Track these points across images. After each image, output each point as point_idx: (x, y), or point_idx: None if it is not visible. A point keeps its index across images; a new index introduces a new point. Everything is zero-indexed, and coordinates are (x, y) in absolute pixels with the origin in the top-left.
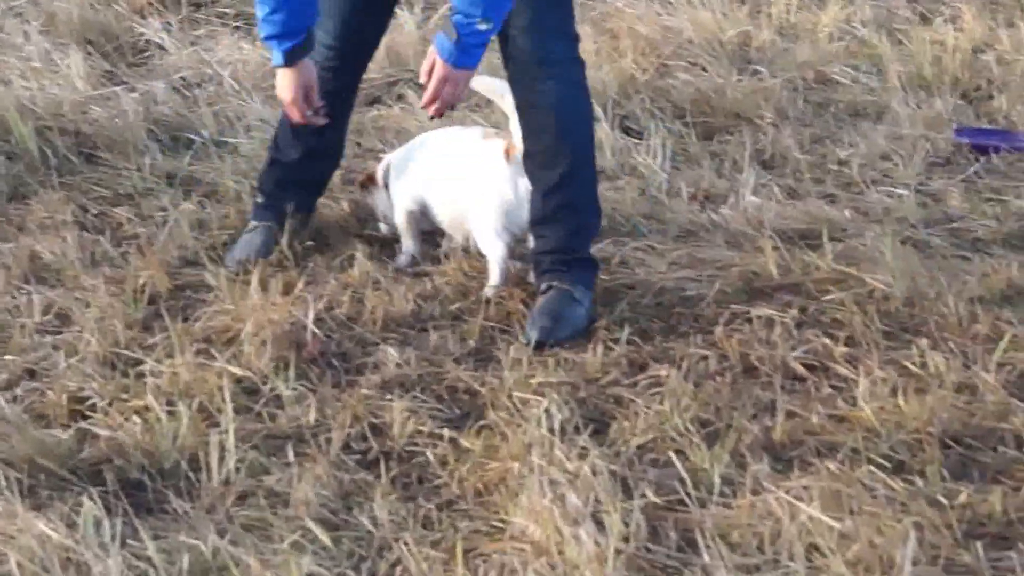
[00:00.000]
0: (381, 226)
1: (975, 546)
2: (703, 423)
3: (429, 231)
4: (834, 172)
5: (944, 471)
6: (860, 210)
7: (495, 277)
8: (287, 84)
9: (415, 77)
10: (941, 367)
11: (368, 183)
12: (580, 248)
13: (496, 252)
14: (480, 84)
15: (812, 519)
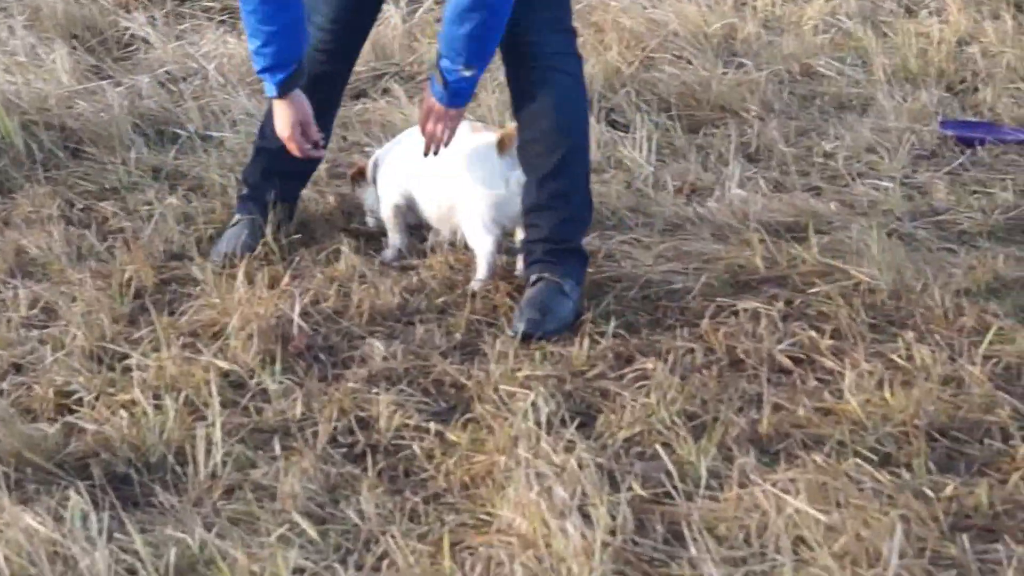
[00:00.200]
0: (368, 220)
1: (961, 538)
2: (689, 416)
3: (416, 225)
4: (820, 165)
5: (930, 463)
6: (846, 203)
7: (482, 271)
8: (283, 119)
9: (400, 71)
10: (927, 360)
11: (358, 178)
12: (572, 239)
13: (485, 246)
14: None
15: (798, 512)
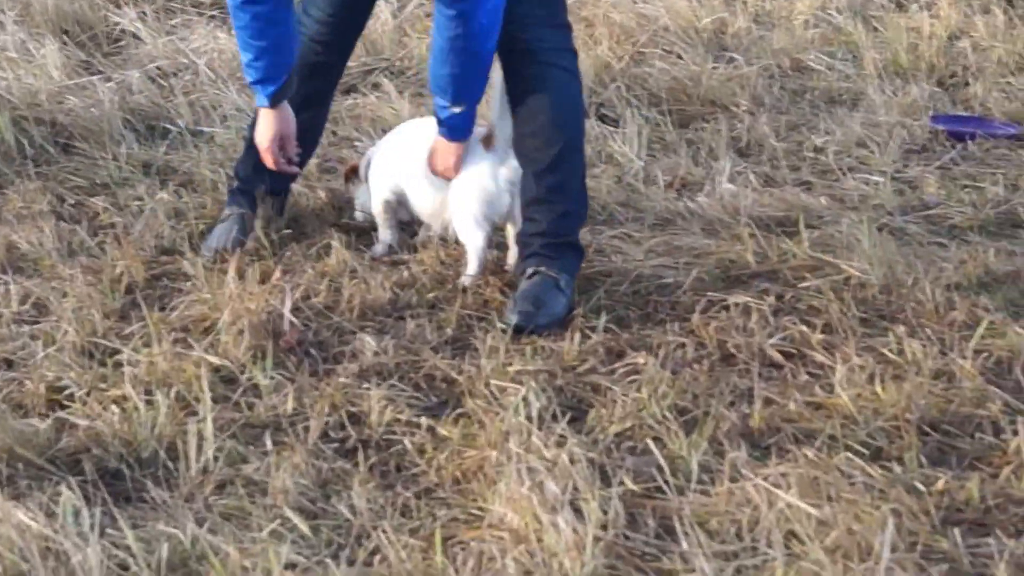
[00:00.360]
0: (357, 215)
1: (953, 532)
2: (681, 411)
3: (407, 221)
4: (810, 159)
5: (922, 458)
6: (836, 197)
7: (473, 266)
8: (265, 128)
9: (391, 66)
10: (918, 354)
11: (351, 175)
12: (569, 233)
13: (475, 241)
14: None
15: (790, 506)
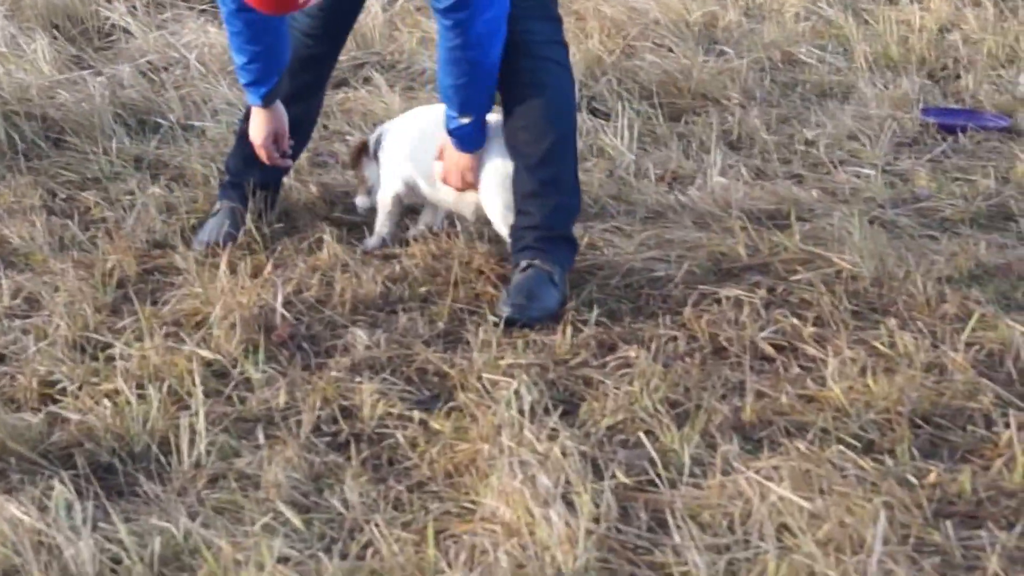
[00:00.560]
0: (359, 201)
1: (945, 525)
2: (672, 404)
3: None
4: (801, 152)
5: (913, 450)
6: (827, 190)
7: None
8: (259, 126)
9: (381, 60)
10: (910, 347)
11: (359, 154)
12: (562, 227)
13: (511, 220)
14: None
15: (782, 499)
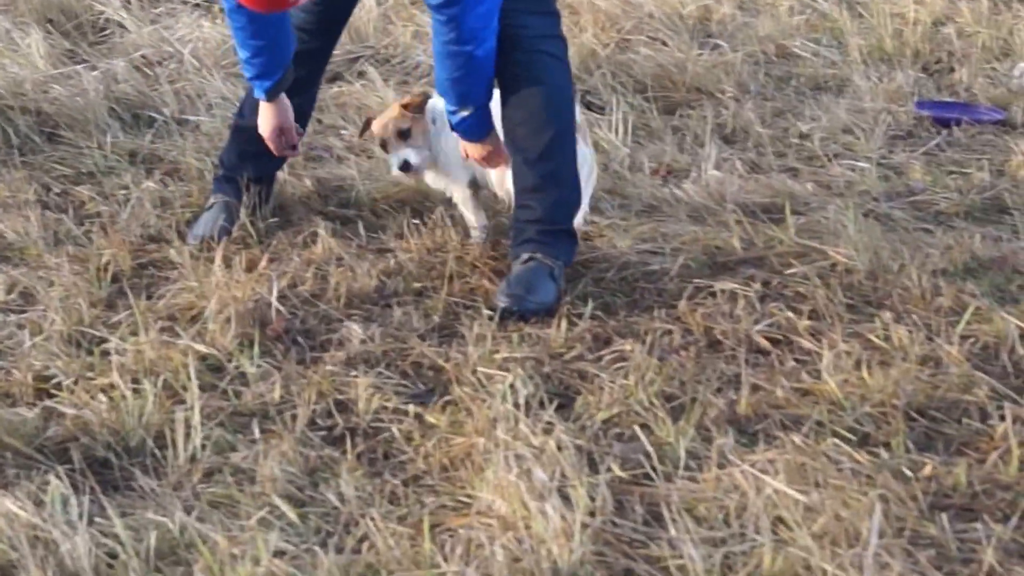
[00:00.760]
0: (410, 156)
1: (940, 518)
2: (668, 397)
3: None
4: (796, 146)
5: (909, 443)
6: (822, 183)
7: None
8: (266, 119)
9: (376, 54)
10: (905, 340)
11: (413, 107)
12: (563, 220)
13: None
14: None
15: (778, 492)
